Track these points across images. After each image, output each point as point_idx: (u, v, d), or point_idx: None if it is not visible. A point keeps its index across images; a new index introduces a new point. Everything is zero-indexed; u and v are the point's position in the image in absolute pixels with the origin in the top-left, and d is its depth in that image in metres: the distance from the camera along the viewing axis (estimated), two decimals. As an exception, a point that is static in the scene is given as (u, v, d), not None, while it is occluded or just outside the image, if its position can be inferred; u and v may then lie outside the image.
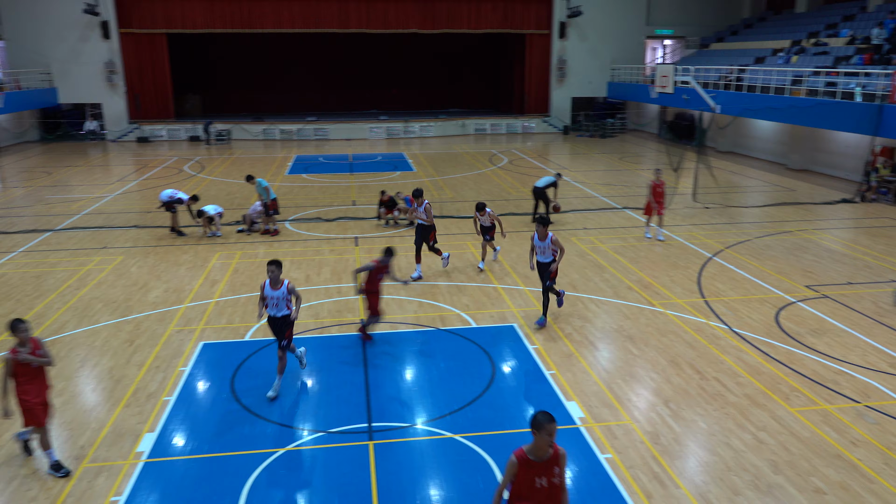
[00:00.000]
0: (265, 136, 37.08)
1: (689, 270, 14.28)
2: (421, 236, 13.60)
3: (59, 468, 7.43)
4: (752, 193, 22.36)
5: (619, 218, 18.79)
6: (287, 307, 8.93)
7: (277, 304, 8.89)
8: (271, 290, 8.86)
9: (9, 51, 35.04)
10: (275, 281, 8.82)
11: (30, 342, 7.34)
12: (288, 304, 8.92)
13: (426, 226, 13.54)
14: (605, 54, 39.75)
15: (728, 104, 27.44)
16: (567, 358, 10.24)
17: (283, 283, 8.84)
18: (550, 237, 10.81)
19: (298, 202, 20.92)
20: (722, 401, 8.99)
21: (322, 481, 7.35)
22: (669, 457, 7.77)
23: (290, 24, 36.69)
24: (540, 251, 10.99)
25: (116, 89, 36.34)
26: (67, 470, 7.45)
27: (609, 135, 37.89)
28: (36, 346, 7.41)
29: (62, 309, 12.24)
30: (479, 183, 23.97)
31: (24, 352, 7.26)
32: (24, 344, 7.29)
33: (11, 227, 18.04)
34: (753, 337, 10.98)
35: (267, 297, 8.88)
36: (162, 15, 35.71)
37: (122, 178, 25.51)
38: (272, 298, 8.87)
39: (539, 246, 10.94)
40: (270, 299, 8.87)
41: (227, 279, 13.76)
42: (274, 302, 8.87)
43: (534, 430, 5.17)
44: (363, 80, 43.91)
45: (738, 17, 39.72)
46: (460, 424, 8.40)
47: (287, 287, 8.87)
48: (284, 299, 8.88)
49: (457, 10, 37.95)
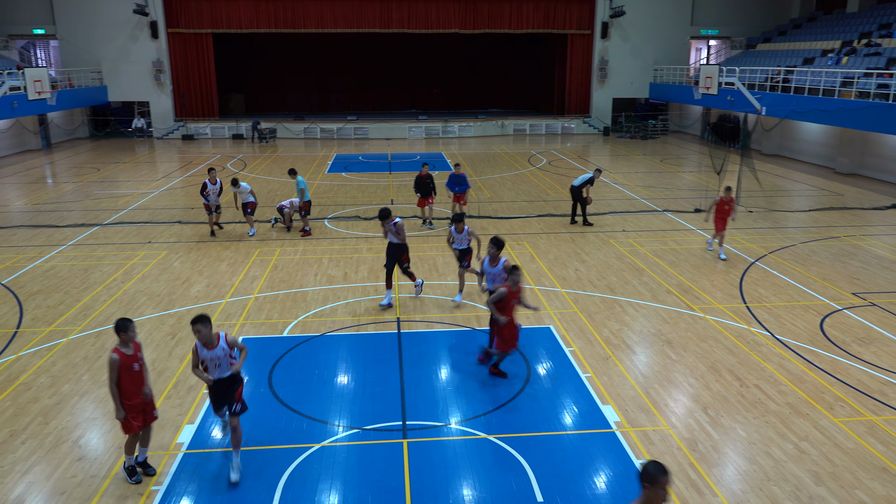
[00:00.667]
0: (306, 134, 37.54)
1: (731, 275, 14.01)
2: (392, 257, 12.14)
3: (133, 473, 7.34)
4: (797, 197, 21.83)
5: (659, 220, 18.53)
6: (230, 365, 7.43)
7: (219, 364, 7.36)
8: (207, 351, 7.29)
9: (62, 50, 36.18)
10: (207, 340, 7.27)
11: (132, 344, 7.17)
12: (231, 360, 7.41)
13: (398, 245, 12.09)
14: (647, 55, 39.24)
15: (774, 106, 26.86)
16: (604, 361, 10.15)
17: (220, 339, 7.32)
18: (467, 230, 12.01)
19: (338, 200, 21.13)
20: (762, 409, 8.80)
21: (356, 478, 7.41)
22: (707, 464, 7.64)
23: (332, 25, 37.08)
24: (458, 241, 12.14)
25: (163, 88, 37.19)
26: (139, 478, 7.35)
27: (650, 136, 37.40)
28: (138, 349, 7.25)
29: (108, 301, 12.58)
30: (518, 184, 23.89)
31: (127, 352, 7.10)
32: (126, 344, 7.12)
33: (62, 220, 18.61)
34: (797, 344, 10.72)
35: (204, 359, 7.32)
36: (208, 15, 36.44)
37: (167, 174, 26.10)
38: (211, 360, 7.32)
39: (456, 237, 12.08)
40: (210, 361, 7.32)
41: (266, 275, 13.97)
42: (214, 363, 7.34)
43: (646, 484, 4.52)
44: (403, 80, 44.14)
45: (786, 17, 38.80)
46: (494, 425, 8.39)
47: (225, 342, 7.34)
48: (226, 357, 7.36)
49: (498, 10, 37.88)
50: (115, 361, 7.03)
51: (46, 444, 8.03)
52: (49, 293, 13.01)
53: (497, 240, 10.07)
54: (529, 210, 19.73)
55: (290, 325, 11.45)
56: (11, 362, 10.13)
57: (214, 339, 7.28)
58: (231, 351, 7.40)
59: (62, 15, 35.54)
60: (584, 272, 14.20)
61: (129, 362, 7.12)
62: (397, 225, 11.89)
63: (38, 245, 16.22)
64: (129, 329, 7.11)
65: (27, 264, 14.75)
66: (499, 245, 10.05)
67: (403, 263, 12.26)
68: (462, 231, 12.03)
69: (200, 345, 7.28)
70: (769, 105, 27.25)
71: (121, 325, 7.10)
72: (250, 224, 17.13)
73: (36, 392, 9.24)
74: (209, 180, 16.47)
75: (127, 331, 7.09)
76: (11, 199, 21.56)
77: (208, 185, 16.42)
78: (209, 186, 16.43)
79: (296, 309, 12.14)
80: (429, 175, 17.40)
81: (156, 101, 37.39)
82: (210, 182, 16.46)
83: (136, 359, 7.19)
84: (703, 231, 17.35)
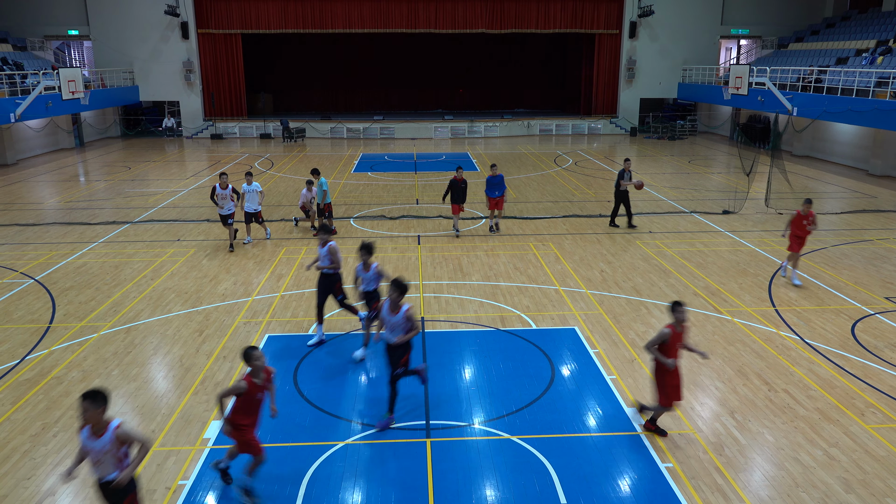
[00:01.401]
0: (333, 134, 37.78)
1: (760, 278, 13.81)
2: (323, 288, 10.61)
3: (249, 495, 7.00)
4: (829, 200, 21.44)
5: (686, 222, 18.33)
6: (117, 466, 5.70)
7: (102, 460, 5.68)
8: (92, 440, 5.61)
9: (95, 50, 36.87)
10: (96, 426, 5.58)
11: (263, 371, 6.82)
12: (118, 461, 5.70)
13: (329, 274, 10.54)
14: (676, 54, 38.83)
15: (806, 106, 26.42)
16: (629, 363, 10.07)
17: (108, 429, 5.60)
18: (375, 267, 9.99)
19: (363, 199, 21.24)
20: (791, 414, 8.66)
21: (379, 476, 7.44)
22: (734, 469, 7.54)
23: (359, 25, 37.27)
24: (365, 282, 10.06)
25: (193, 88, 37.69)
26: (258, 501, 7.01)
27: (678, 137, 37.01)
28: (269, 378, 6.92)
29: (138, 298, 12.79)
30: (543, 184, 23.79)
31: (256, 381, 6.75)
32: (257, 374, 6.76)
33: (93, 218, 18.96)
34: (827, 349, 10.53)
35: (88, 450, 5.67)
36: (238, 16, 36.85)
37: (196, 173, 26.45)
38: (95, 453, 5.65)
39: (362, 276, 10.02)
40: (92, 455, 5.67)
41: (292, 274, 14.08)
42: (95, 458, 5.68)
43: None
44: (429, 80, 44.21)
45: (819, 16, 38.15)
46: (518, 426, 8.37)
47: (114, 434, 5.60)
48: (113, 454, 5.65)
49: (525, 10, 37.76)
50: (242, 389, 6.73)
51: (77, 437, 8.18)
52: (81, 289, 13.26)
53: (399, 283, 8.15)
54: (555, 211, 19.65)
55: (315, 324, 11.53)
56: (44, 357, 10.35)
57: (102, 426, 5.61)
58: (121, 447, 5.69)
59: (96, 16, 36.21)
60: (610, 273, 14.10)
61: (254, 392, 6.80)
62: (331, 248, 10.37)
63: (71, 242, 16.54)
64: (253, 358, 6.73)
65: (60, 261, 15.06)
66: (401, 289, 8.13)
67: (337, 295, 10.65)
68: (370, 269, 10.00)
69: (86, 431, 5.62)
70: (801, 105, 26.81)
71: (245, 354, 6.77)
72: (248, 231, 16.34)
73: (67, 386, 9.43)
74: (219, 184, 15.43)
75: (251, 360, 6.73)
76: (46, 197, 22.02)
77: (217, 190, 15.38)
78: (218, 191, 15.37)
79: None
80: (463, 180, 16.54)
81: (185, 100, 37.91)
82: (220, 186, 15.39)
83: (262, 389, 6.85)
84: (731, 233, 17.13)
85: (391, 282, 8.25)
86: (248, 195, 15.91)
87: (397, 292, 8.14)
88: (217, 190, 15.45)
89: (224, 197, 15.43)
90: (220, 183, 15.50)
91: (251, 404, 6.84)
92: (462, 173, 16.58)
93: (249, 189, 15.91)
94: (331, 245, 10.38)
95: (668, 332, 7.70)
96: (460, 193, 16.52)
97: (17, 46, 34.12)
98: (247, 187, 15.93)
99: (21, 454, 7.82)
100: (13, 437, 8.17)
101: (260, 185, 16.12)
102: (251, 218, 16.07)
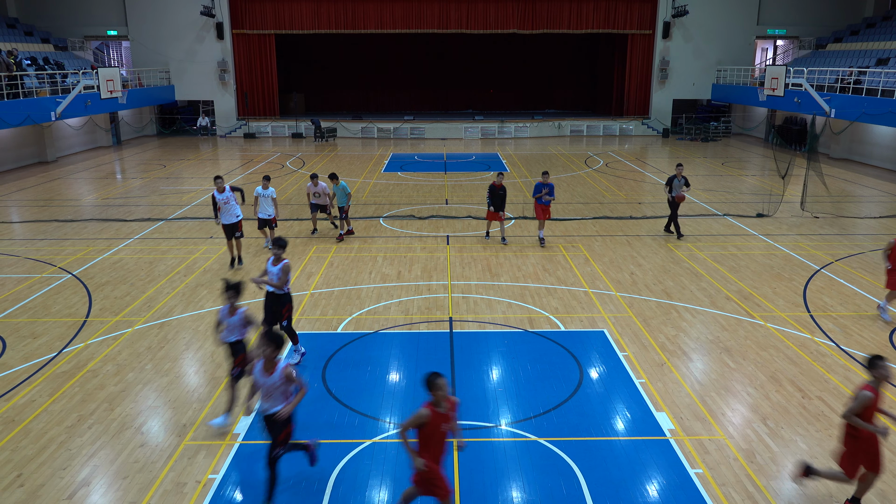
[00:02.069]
0: (363, 134, 38.00)
1: (794, 283, 13.56)
2: (271, 311, 9.55)
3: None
4: (867, 203, 20.96)
5: (718, 225, 18.07)
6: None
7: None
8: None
9: (133, 50, 37.62)
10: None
11: (446, 401, 5.99)
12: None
13: (278, 294, 9.50)
14: (710, 55, 38.29)
15: (844, 108, 25.86)
16: (658, 367, 9.96)
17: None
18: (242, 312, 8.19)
19: (392, 199, 21.33)
20: (826, 422, 8.49)
21: (406, 475, 7.45)
22: (765, 477, 7.41)
23: (391, 25, 37.43)
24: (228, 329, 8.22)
25: (227, 87, 38.22)
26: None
27: (712, 138, 36.49)
28: (453, 405, 6.11)
29: (171, 294, 13.01)
30: (573, 185, 23.65)
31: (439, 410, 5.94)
32: (439, 403, 5.94)
33: (129, 215, 19.33)
34: (864, 356, 10.29)
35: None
36: (272, 17, 37.29)
37: (229, 171, 26.81)
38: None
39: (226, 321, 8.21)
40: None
41: (322, 272, 14.20)
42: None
43: None
44: (460, 80, 44.22)
45: (859, 16, 37.30)
46: (545, 428, 8.33)
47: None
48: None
49: (557, 10, 37.56)
50: (425, 419, 5.91)
51: (111, 429, 8.36)
52: (116, 284, 13.53)
53: (273, 336, 6.64)
54: (585, 212, 19.52)
55: (344, 321, 11.62)
56: (80, 350, 10.59)
57: None
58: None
59: (134, 17, 36.93)
60: (640, 276, 13.96)
61: (438, 423, 5.95)
62: (285, 267, 9.43)
63: (107, 238, 16.89)
64: (437, 386, 5.89)
65: (96, 256, 15.38)
66: (277, 343, 6.62)
67: (283, 320, 9.58)
68: (235, 313, 8.16)
69: None
70: (839, 107, 26.26)
71: (428, 381, 5.95)
72: (264, 235, 15.57)
73: (102, 379, 9.63)
74: (216, 189, 13.55)
75: (434, 388, 5.90)
76: (84, 194, 22.51)
77: (216, 196, 13.59)
78: (217, 197, 13.56)
79: (350, 306, 12.31)
80: (502, 186, 15.74)
81: (220, 100, 38.46)
82: (217, 191, 13.48)
83: (447, 420, 6.01)
84: (765, 237, 16.85)
85: (262, 334, 6.72)
86: (262, 200, 14.88)
87: (272, 347, 6.60)
88: (216, 197, 13.52)
89: (227, 202, 13.51)
90: (217, 188, 13.36)
91: (435, 437, 6.00)
92: (502, 179, 15.78)
93: (265, 194, 14.86)
94: (285, 263, 9.43)
95: (869, 395, 6.38)
96: (499, 200, 15.75)
97: (58, 47, 34.96)
98: (261, 191, 14.88)
99: (57, 445, 8.01)
100: (50, 427, 8.37)
101: (275, 192, 15.13)
102: (265, 224, 15.11)
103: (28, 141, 28.50)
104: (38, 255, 15.42)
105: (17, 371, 9.87)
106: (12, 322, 11.66)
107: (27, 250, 15.84)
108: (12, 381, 9.57)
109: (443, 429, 5.99)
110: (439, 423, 5.93)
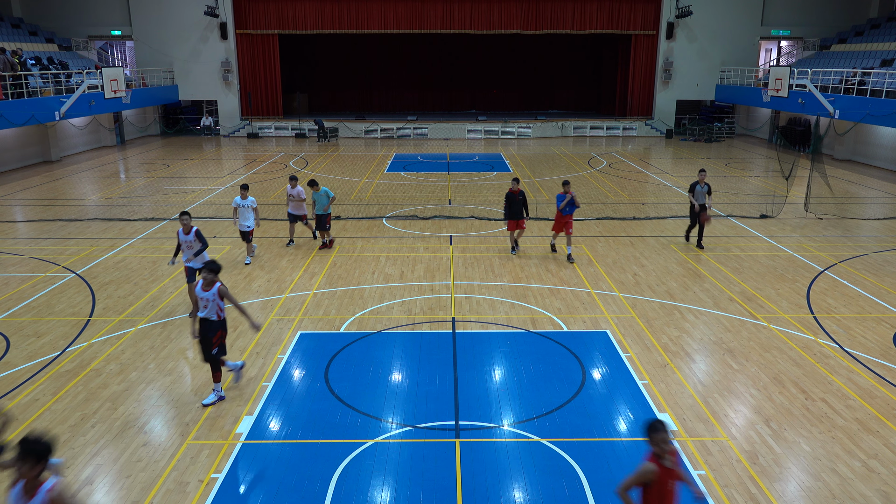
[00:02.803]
0: (367, 134, 38.02)
1: (798, 284, 13.53)
2: (203, 339, 8.87)
3: None
4: (871, 205, 20.91)
5: (722, 226, 18.04)
6: None
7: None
8: None
9: (137, 50, 37.70)
10: None
11: (670, 454, 5.16)
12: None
13: (211, 321, 8.81)
14: (714, 56, 38.25)
15: (849, 109, 25.80)
16: (661, 368, 9.95)
17: None
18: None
19: (396, 199, 21.33)
20: (829, 423, 8.47)
21: (408, 475, 7.47)
22: (768, 478, 7.40)
23: (395, 25, 37.46)
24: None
25: (231, 87, 38.27)
26: None
27: (715, 139, 36.44)
28: (675, 457, 5.26)
29: (174, 294, 13.03)
30: (576, 186, 23.62)
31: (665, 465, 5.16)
32: (663, 455, 5.13)
33: (133, 214, 19.37)
34: (867, 358, 10.27)
35: None
36: (275, 17, 37.35)
37: (233, 171, 26.85)
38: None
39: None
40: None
41: (325, 272, 14.21)
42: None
43: None
44: (463, 81, 44.23)
45: (863, 17, 37.22)
46: (547, 429, 8.33)
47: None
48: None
49: (561, 11, 37.55)
50: (651, 475, 5.15)
51: (114, 428, 8.37)
52: (119, 284, 13.56)
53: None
54: (588, 213, 19.50)
55: (346, 321, 11.63)
56: (84, 349, 10.61)
57: None
58: None
59: (138, 17, 37.01)
60: (643, 277, 13.95)
61: (666, 479, 5.17)
62: (220, 290, 8.74)
63: (111, 237, 16.92)
64: (659, 440, 5.14)
65: (100, 255, 15.41)
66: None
67: (213, 348, 8.85)
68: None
69: None
70: (843, 108, 26.20)
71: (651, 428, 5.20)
72: (248, 252, 14.86)
73: (105, 378, 9.65)
74: (182, 229, 11.64)
75: (658, 442, 5.14)
76: (87, 193, 22.56)
77: (180, 236, 11.66)
78: (181, 238, 11.64)
79: (353, 306, 12.32)
80: (521, 192, 14.73)
81: (223, 100, 38.53)
82: (183, 231, 11.60)
83: (674, 476, 5.23)
84: (768, 238, 16.82)
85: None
86: (241, 210, 14.19)
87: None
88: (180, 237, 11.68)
89: (190, 246, 11.68)
90: (183, 227, 11.66)
91: (664, 497, 5.21)
92: (518, 185, 14.84)
93: (244, 204, 14.18)
94: (218, 287, 8.73)
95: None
96: (517, 207, 14.81)
97: (62, 46, 35.05)
98: (240, 202, 14.18)
99: (60, 443, 8.02)
100: (53, 426, 8.39)
101: (255, 201, 14.47)
102: (246, 236, 14.53)
103: (32, 140, 28.57)
104: (42, 255, 15.46)
105: (21, 370, 9.90)
106: (16, 321, 11.69)
107: (31, 249, 15.88)
108: (16, 380, 9.60)
109: (669, 486, 5.17)
110: (666, 479, 5.14)
